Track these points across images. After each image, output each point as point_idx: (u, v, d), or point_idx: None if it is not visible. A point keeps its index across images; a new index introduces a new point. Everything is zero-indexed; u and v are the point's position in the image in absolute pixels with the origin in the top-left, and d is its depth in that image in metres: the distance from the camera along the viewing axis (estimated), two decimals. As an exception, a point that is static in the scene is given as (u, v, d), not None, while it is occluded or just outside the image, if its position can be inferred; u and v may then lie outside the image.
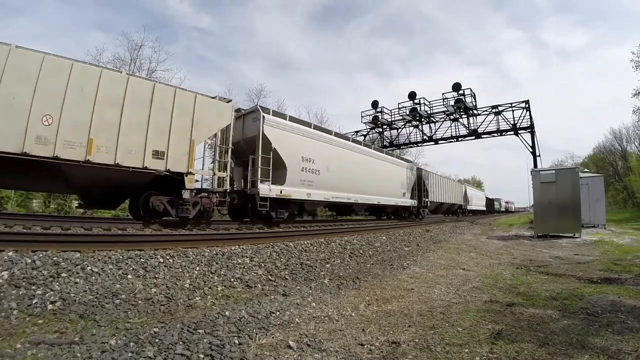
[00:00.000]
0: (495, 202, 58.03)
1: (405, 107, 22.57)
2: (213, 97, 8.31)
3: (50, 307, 2.89)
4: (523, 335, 2.68)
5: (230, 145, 8.57)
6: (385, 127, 24.71)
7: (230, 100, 8.79)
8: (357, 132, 25.77)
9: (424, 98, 21.95)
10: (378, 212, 16.77)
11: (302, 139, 10.40)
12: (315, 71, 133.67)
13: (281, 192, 9.38)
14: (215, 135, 8.29)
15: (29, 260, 3.61)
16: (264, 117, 9.11)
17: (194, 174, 7.55)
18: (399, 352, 2.40)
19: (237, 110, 9.85)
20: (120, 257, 4.21)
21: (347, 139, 13.69)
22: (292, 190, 9.80)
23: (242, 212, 10.03)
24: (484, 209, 42.74)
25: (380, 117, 23.53)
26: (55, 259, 3.76)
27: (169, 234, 6.07)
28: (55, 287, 3.23)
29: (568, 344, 2.51)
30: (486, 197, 48.68)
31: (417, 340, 2.60)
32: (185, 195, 7.62)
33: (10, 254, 3.68)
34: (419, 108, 21.85)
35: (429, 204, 20.20)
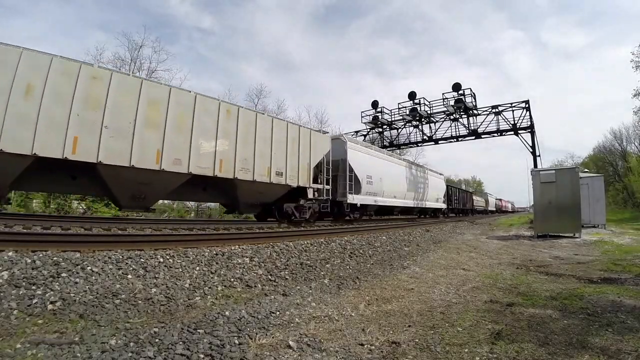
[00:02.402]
0: (477, 198, 41.55)
1: (405, 107, 22.59)
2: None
3: (50, 307, 2.89)
4: (523, 335, 2.68)
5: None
6: (385, 127, 24.72)
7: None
8: (357, 132, 25.78)
9: (424, 98, 21.99)
10: None
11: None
12: (316, 71, 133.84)
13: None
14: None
15: (29, 260, 3.60)
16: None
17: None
18: (399, 352, 2.40)
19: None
20: (120, 257, 4.21)
21: None
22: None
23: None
24: (442, 206, 23.95)
25: (380, 117, 23.54)
26: (55, 259, 3.76)
27: (169, 234, 6.07)
28: (55, 287, 3.22)
29: (568, 344, 2.51)
30: (455, 189, 30.76)
31: (417, 340, 2.60)
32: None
33: (10, 254, 3.68)
34: (419, 108, 21.86)
35: None
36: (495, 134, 21.06)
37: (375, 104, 23.59)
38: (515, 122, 20.15)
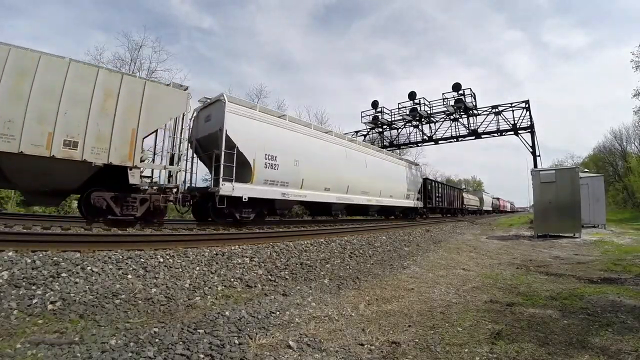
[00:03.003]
0: (469, 196, 36.55)
1: (405, 107, 22.56)
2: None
3: (50, 307, 2.89)
4: (523, 335, 2.68)
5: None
6: (385, 127, 24.71)
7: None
8: (357, 132, 25.79)
9: (424, 98, 21.94)
10: None
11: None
12: (316, 71, 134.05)
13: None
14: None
15: (29, 260, 3.61)
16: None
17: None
18: (399, 352, 2.40)
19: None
20: (120, 257, 4.21)
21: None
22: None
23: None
24: (415, 204, 18.19)
25: (380, 117, 23.53)
26: (55, 259, 3.76)
27: (169, 234, 6.07)
28: (55, 287, 3.23)
29: (568, 344, 2.51)
30: (437, 184, 25.04)
31: (417, 340, 2.60)
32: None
33: (10, 254, 3.68)
34: (419, 108, 21.83)
35: None
36: (495, 134, 21.03)
37: (375, 104, 23.58)
38: (515, 122, 20.12)
